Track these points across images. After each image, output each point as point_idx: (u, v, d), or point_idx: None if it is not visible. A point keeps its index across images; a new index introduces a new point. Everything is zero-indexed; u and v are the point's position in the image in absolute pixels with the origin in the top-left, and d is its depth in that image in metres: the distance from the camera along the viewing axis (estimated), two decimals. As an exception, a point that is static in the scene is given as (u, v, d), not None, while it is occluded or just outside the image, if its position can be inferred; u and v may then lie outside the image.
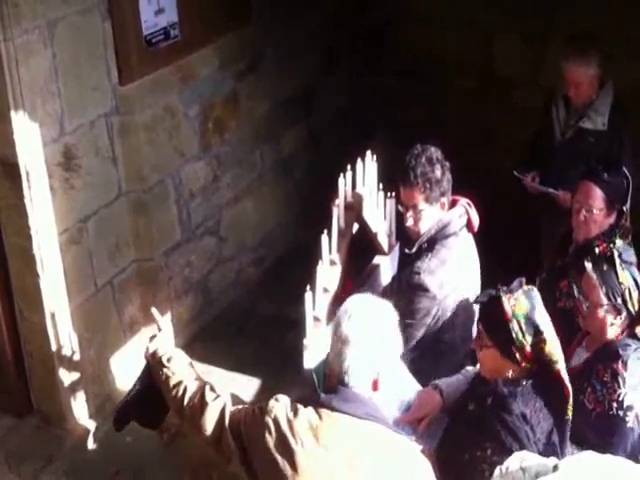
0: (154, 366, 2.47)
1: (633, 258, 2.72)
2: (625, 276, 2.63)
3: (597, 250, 2.74)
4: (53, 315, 3.55)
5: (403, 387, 2.61)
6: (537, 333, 2.28)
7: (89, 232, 3.64)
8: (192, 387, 2.35)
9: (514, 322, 2.28)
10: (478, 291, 3.00)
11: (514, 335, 2.28)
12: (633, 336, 2.68)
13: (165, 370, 2.40)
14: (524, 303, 2.31)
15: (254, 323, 4.49)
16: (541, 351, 2.29)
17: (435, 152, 2.86)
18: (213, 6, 3.96)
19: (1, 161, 3.29)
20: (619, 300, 2.61)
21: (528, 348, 2.29)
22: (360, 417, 2.08)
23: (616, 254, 2.67)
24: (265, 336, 4.33)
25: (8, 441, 3.74)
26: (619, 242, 3.11)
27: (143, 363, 2.65)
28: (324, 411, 2.09)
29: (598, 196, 3.16)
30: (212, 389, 2.34)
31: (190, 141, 4.09)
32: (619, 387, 2.57)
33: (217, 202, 4.39)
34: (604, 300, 2.62)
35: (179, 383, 2.37)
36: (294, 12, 4.66)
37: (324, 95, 5.15)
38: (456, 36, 5.08)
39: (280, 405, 2.14)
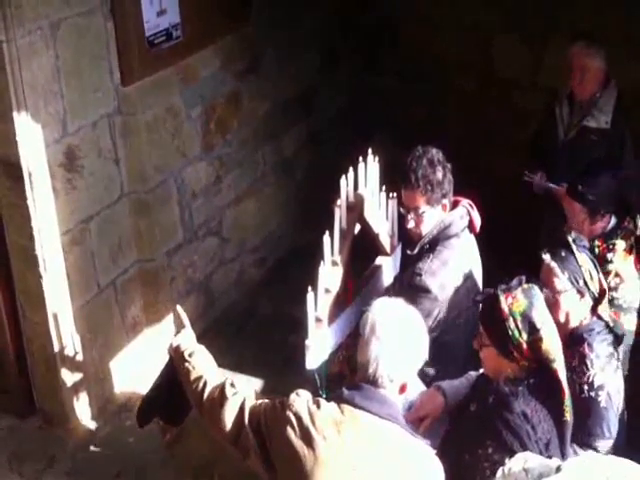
0: (176, 360, 2.50)
1: (586, 243, 2.78)
2: (584, 259, 2.69)
3: (596, 250, 2.78)
4: (55, 315, 3.56)
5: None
6: (533, 331, 2.28)
7: (91, 233, 3.65)
8: (212, 382, 2.36)
9: (510, 320, 2.29)
10: (480, 291, 2.99)
11: (510, 333, 2.29)
12: (598, 317, 2.73)
13: (186, 364, 2.43)
14: (522, 301, 2.31)
15: (255, 323, 4.50)
16: (538, 349, 2.29)
17: (436, 154, 2.86)
18: (214, 7, 3.96)
19: (3, 162, 3.29)
20: (581, 283, 2.67)
21: (524, 346, 2.29)
22: (382, 417, 2.10)
23: (570, 239, 2.71)
24: (266, 336, 4.34)
25: (10, 441, 3.75)
26: (619, 242, 3.13)
27: (145, 365, 2.66)
28: (346, 407, 2.12)
29: (577, 209, 3.23)
30: (232, 385, 2.35)
31: (192, 142, 4.10)
32: (587, 369, 2.61)
33: (219, 203, 4.39)
34: (567, 285, 2.66)
35: (199, 377, 2.39)
36: (294, 12, 4.67)
37: (324, 95, 5.16)
38: (456, 37, 5.08)
39: (301, 399, 2.16)
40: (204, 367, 2.43)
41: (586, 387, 2.60)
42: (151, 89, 3.73)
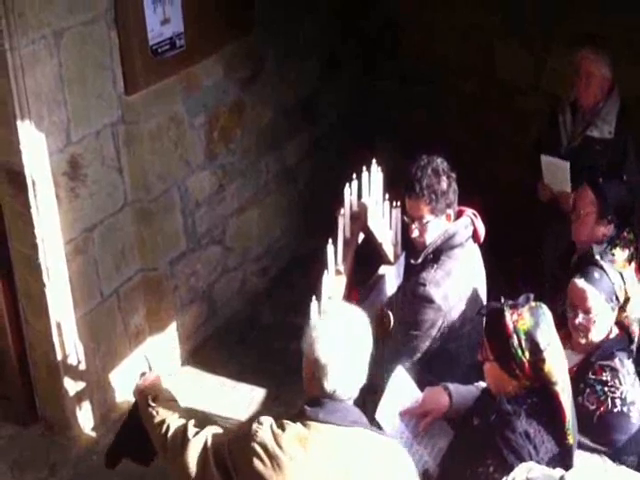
0: (140, 405, 2.47)
1: (610, 256, 2.80)
2: (614, 274, 2.67)
3: (596, 257, 2.77)
4: (59, 324, 3.56)
5: (405, 392, 2.60)
6: (537, 351, 2.25)
7: (95, 241, 3.65)
8: (174, 425, 2.33)
9: (514, 337, 2.26)
10: (484, 302, 2.99)
11: (513, 350, 2.26)
12: (620, 327, 2.72)
13: (150, 409, 2.40)
14: (528, 319, 2.28)
15: (258, 332, 4.49)
16: (540, 370, 2.26)
17: (441, 163, 2.85)
18: (217, 16, 3.98)
19: (7, 170, 3.30)
20: (614, 300, 2.65)
21: (527, 365, 2.26)
22: (347, 425, 2.11)
23: (598, 256, 2.70)
24: (269, 345, 4.33)
25: (12, 449, 3.74)
26: (618, 252, 3.12)
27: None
28: (312, 423, 2.10)
29: (589, 198, 3.17)
30: (195, 425, 2.31)
31: (195, 150, 4.10)
32: (620, 384, 2.59)
33: (222, 212, 4.40)
34: (605, 305, 2.63)
35: (162, 422, 2.36)
36: (295, 20, 4.68)
37: (326, 102, 5.16)
38: (457, 41, 5.07)
39: (264, 427, 2.13)
40: (167, 411, 2.39)
41: (619, 402, 2.57)
42: (154, 98, 3.74)
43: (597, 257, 2.69)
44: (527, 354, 2.25)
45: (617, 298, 2.65)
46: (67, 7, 3.23)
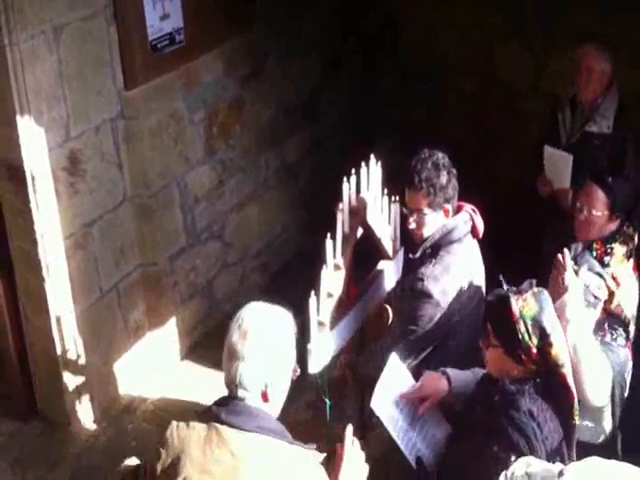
0: None
1: (586, 256, 2.84)
2: (588, 276, 2.73)
3: (594, 254, 2.79)
4: (58, 319, 3.56)
5: (399, 381, 2.60)
6: (543, 336, 2.27)
7: (94, 237, 3.65)
8: None
9: (521, 323, 2.28)
10: (483, 297, 2.99)
11: (520, 336, 2.27)
12: (611, 316, 2.79)
13: None
14: (532, 305, 2.30)
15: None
16: (547, 354, 2.28)
17: (442, 158, 2.85)
18: (218, 12, 3.97)
19: (7, 166, 3.30)
20: (591, 299, 2.71)
21: (534, 350, 2.28)
22: (248, 430, 2.03)
23: (572, 263, 2.72)
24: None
25: (13, 446, 3.75)
26: (618, 247, 3.13)
27: (147, 369, 2.66)
28: (213, 425, 2.05)
29: (600, 199, 3.17)
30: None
31: (195, 146, 4.10)
32: (612, 341, 2.71)
33: (222, 207, 4.40)
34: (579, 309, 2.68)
35: None
36: (297, 17, 4.67)
37: (327, 99, 5.16)
38: (458, 40, 5.07)
39: (169, 428, 2.11)
40: None
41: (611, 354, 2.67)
42: (154, 94, 3.73)
43: (571, 263, 2.70)
44: (534, 340, 2.27)
45: (596, 297, 2.72)
46: (66, 3, 3.23)
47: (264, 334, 2.10)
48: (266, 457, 2.02)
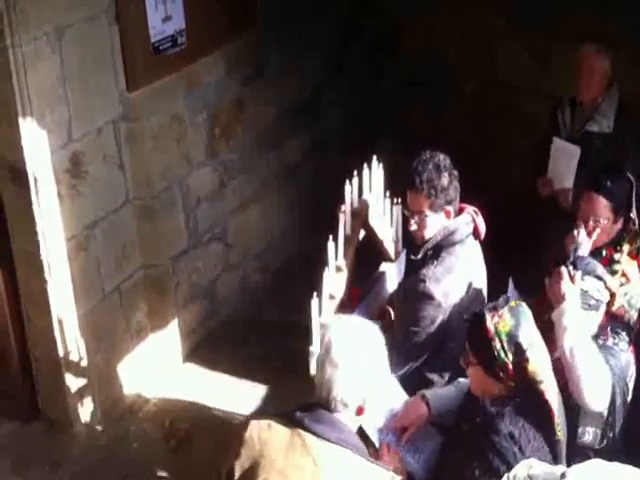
0: None
1: (587, 259, 2.79)
2: (586, 282, 2.68)
3: (604, 252, 2.79)
4: (60, 321, 3.56)
5: (390, 397, 2.60)
6: (519, 352, 2.24)
7: (96, 238, 3.65)
8: None
9: (496, 340, 2.25)
10: (485, 299, 2.99)
11: (496, 353, 2.25)
12: (613, 318, 2.78)
13: None
14: (508, 320, 2.27)
15: (260, 329, 4.49)
16: (524, 370, 2.25)
17: (444, 160, 2.84)
18: (219, 13, 3.98)
19: (9, 167, 3.30)
20: (593, 302, 2.68)
21: (510, 367, 2.25)
22: (331, 441, 2.04)
23: (571, 269, 2.68)
24: (271, 342, 4.33)
25: (15, 446, 3.75)
26: (626, 245, 3.13)
27: (149, 370, 2.65)
28: (296, 430, 2.07)
29: (603, 205, 3.17)
30: None
31: (197, 148, 4.10)
32: (613, 345, 2.68)
33: (223, 209, 4.40)
34: (581, 313, 2.67)
35: None
36: (299, 19, 4.67)
37: (328, 101, 5.16)
38: (459, 42, 5.07)
39: (249, 428, 2.12)
40: None
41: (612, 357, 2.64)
42: (156, 95, 3.74)
43: (569, 268, 2.69)
44: (510, 356, 2.25)
45: (597, 300, 2.69)
46: (69, 4, 3.23)
47: (363, 349, 2.12)
48: (345, 470, 2.04)
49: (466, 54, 5.09)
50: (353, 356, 2.09)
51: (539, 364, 2.27)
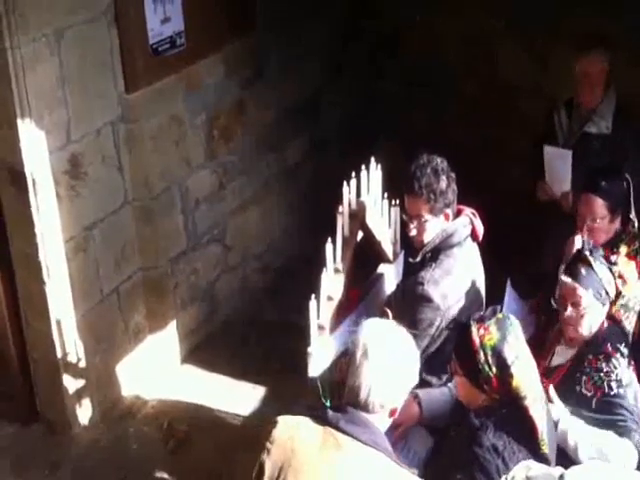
0: None
1: (600, 250, 2.80)
2: (602, 270, 2.69)
3: (585, 253, 2.79)
4: (59, 322, 3.56)
5: None
6: (504, 367, 2.23)
7: (95, 240, 3.65)
8: None
9: (480, 353, 2.24)
10: (483, 301, 2.99)
11: (480, 366, 2.24)
12: (612, 320, 2.76)
13: None
14: (494, 334, 2.26)
15: (259, 331, 4.49)
16: (508, 385, 2.24)
17: (441, 163, 2.84)
18: (219, 15, 3.98)
19: (8, 169, 3.30)
20: (604, 294, 2.67)
21: (494, 380, 2.25)
22: (364, 442, 2.05)
23: (588, 253, 2.70)
24: (270, 344, 4.33)
25: (14, 448, 3.75)
26: (623, 247, 3.13)
27: (148, 372, 2.65)
28: (328, 429, 2.07)
29: (600, 205, 3.18)
30: None
31: (196, 149, 4.10)
32: (615, 367, 2.62)
33: (223, 210, 4.40)
34: (592, 301, 2.66)
35: None
36: (299, 20, 4.67)
37: (328, 102, 5.16)
38: (459, 44, 5.07)
39: (278, 426, 2.13)
40: None
41: (615, 384, 2.61)
42: (155, 97, 3.74)
43: (586, 253, 2.70)
44: (494, 369, 2.24)
45: (607, 293, 2.69)
46: (68, 6, 3.23)
47: (403, 353, 2.13)
48: (375, 472, 2.04)
49: (466, 55, 5.08)
50: (392, 358, 2.10)
51: (523, 379, 2.25)
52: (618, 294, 2.75)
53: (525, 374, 2.26)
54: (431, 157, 2.86)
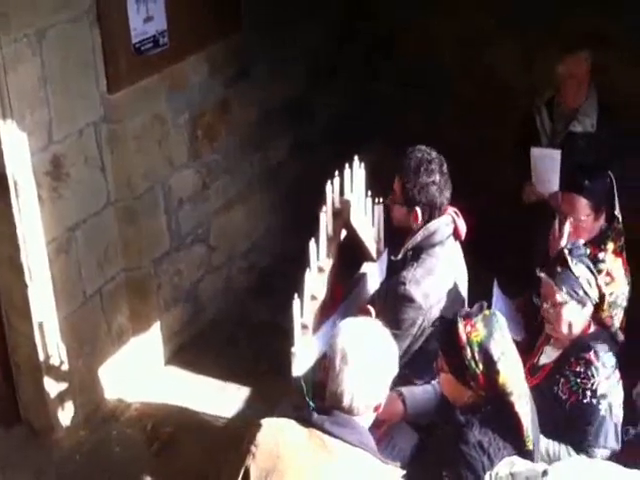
0: None
1: (583, 250, 2.78)
2: (580, 269, 2.68)
3: (588, 252, 2.79)
4: (41, 325, 3.53)
5: None
6: (490, 363, 2.24)
7: (77, 241, 3.62)
8: None
9: (467, 349, 2.25)
10: (465, 300, 2.99)
11: (467, 363, 2.25)
12: (600, 325, 2.75)
13: None
14: (481, 330, 2.26)
15: (244, 331, 4.48)
16: (494, 382, 2.25)
17: (433, 163, 2.80)
18: (203, 14, 3.97)
19: (-12, 170, 3.27)
20: (581, 293, 2.67)
21: (481, 377, 2.25)
22: (351, 443, 2.05)
23: (566, 252, 2.71)
24: (255, 344, 4.32)
25: (-4, 452, 3.71)
26: (610, 244, 3.14)
27: (131, 374, 2.63)
28: (314, 431, 2.07)
29: (583, 204, 3.19)
30: None
31: (179, 149, 4.09)
32: (593, 376, 2.61)
33: (206, 210, 4.38)
34: (567, 298, 2.67)
35: None
36: (288, 20, 4.66)
37: (318, 103, 5.16)
38: (455, 45, 5.08)
39: (263, 429, 2.11)
40: None
41: (589, 393, 2.60)
42: (138, 96, 3.72)
43: (565, 252, 2.71)
44: (481, 366, 2.24)
45: (586, 293, 2.67)
46: (50, 6, 3.21)
47: (379, 351, 2.12)
48: (362, 472, 2.04)
49: (461, 57, 5.08)
50: (371, 358, 2.09)
51: (510, 376, 2.26)
52: (602, 297, 2.73)
53: (511, 371, 2.27)
54: (430, 152, 2.83)
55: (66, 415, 3.78)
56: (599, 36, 4.03)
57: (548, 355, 2.82)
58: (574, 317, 2.70)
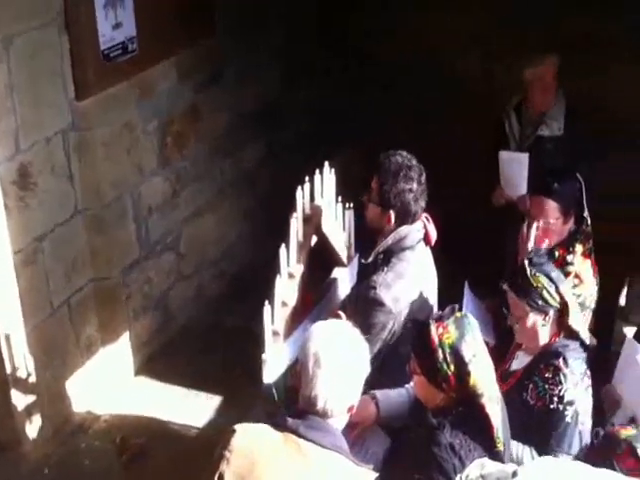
0: None
1: (544, 259, 2.78)
2: (537, 278, 2.68)
3: (556, 255, 2.81)
4: (8, 337, 3.47)
5: None
6: (461, 364, 2.25)
7: (45, 251, 3.57)
8: None
9: (439, 351, 2.26)
10: (435, 304, 3.01)
11: (439, 365, 2.26)
12: (569, 334, 2.75)
13: None
14: (453, 332, 2.28)
15: (215, 338, 4.45)
16: (465, 383, 2.26)
17: (411, 170, 2.82)
18: (172, 20, 3.96)
19: (-46, 179, 3.22)
20: (541, 303, 2.67)
21: (452, 378, 2.27)
22: (325, 447, 2.06)
23: (526, 262, 2.72)
24: (227, 351, 4.29)
25: (-39, 467, 3.63)
26: (579, 247, 3.17)
27: (100, 385, 2.59)
28: (289, 436, 2.06)
29: (552, 207, 3.21)
30: None
31: (149, 156, 4.06)
32: (560, 383, 2.62)
33: (176, 218, 4.36)
34: (527, 309, 2.67)
35: None
36: (262, 24, 4.67)
37: (288, 109, 5.16)
38: (430, 49, 5.09)
39: (237, 435, 2.10)
40: None
41: (556, 399, 2.61)
42: (107, 103, 3.69)
43: (525, 262, 2.72)
44: (452, 367, 2.26)
45: (546, 302, 2.67)
46: (17, 13, 3.19)
47: (353, 352, 2.13)
48: (337, 475, 2.04)
49: (437, 60, 5.08)
50: (344, 361, 2.10)
51: (481, 378, 2.27)
52: (565, 304, 2.72)
53: (482, 372, 2.29)
54: (410, 159, 2.85)
55: (34, 428, 3.72)
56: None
57: (520, 361, 2.83)
58: (537, 327, 2.70)
